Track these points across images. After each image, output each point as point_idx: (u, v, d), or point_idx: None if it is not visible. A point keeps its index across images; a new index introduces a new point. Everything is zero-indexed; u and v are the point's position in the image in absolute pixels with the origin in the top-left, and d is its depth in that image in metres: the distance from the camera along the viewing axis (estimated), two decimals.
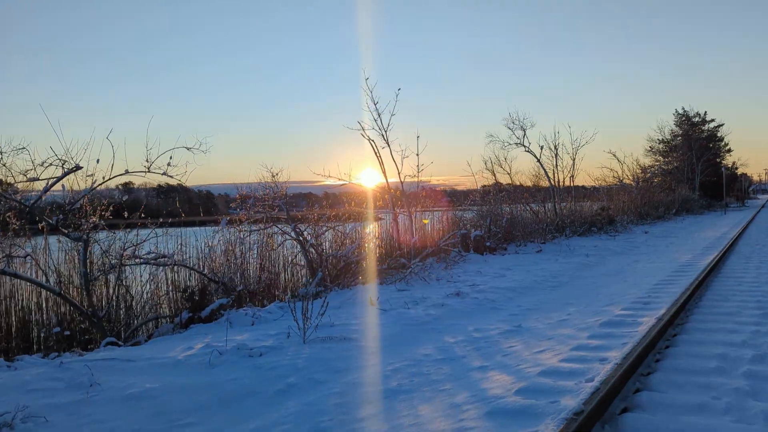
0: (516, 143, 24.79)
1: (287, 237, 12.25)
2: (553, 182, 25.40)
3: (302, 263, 12.34)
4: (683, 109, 56.37)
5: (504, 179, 24.18)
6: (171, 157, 7.72)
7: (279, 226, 12.30)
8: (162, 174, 7.79)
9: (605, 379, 4.24)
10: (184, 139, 7.79)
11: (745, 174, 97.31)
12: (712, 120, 56.57)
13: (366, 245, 13.41)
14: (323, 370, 5.85)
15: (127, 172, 7.73)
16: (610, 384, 4.10)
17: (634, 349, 4.98)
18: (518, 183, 24.09)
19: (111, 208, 8.41)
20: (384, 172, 15.40)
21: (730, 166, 62.33)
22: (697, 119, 55.96)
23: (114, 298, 9.18)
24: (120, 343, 8.07)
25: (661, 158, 55.79)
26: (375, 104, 14.61)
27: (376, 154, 15.29)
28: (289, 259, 12.42)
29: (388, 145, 15.06)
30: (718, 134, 56.90)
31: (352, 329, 7.61)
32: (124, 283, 9.38)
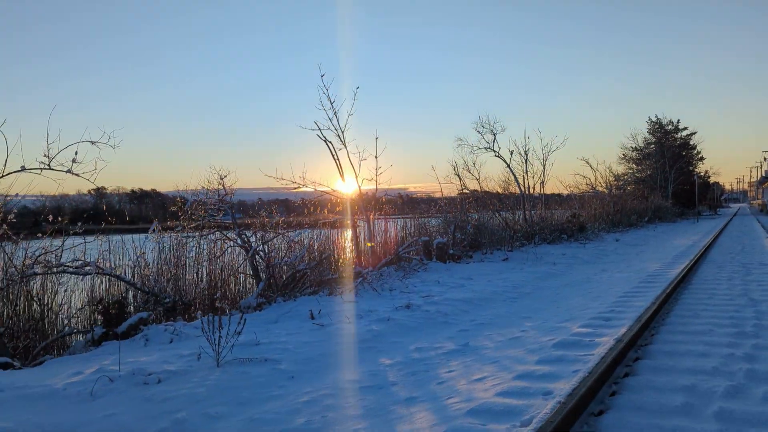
0: (486, 147, 24.06)
1: (232, 244, 11.33)
2: (523, 188, 24.72)
3: (250, 272, 11.43)
4: (656, 116, 56.31)
5: (472, 185, 23.42)
6: (76, 153, 6.75)
7: (224, 232, 11.38)
8: (66, 171, 6.82)
9: (544, 423, 3.39)
10: (90, 132, 6.80)
11: (718, 183, 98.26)
12: (685, 128, 56.58)
13: (318, 253, 12.51)
14: (225, 402, 4.93)
15: (23, 168, 6.73)
16: (549, 430, 3.25)
17: (585, 381, 4.14)
18: (487, 189, 23.32)
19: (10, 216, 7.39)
20: (342, 176, 14.54)
21: (702, 174, 62.47)
22: (670, 127, 55.87)
23: (21, 311, 8.18)
24: (16, 364, 7.07)
25: (634, 166, 55.62)
26: (331, 102, 13.75)
27: (333, 156, 14.43)
28: (236, 268, 11.49)
29: (345, 147, 14.21)
30: (691, 142, 56.89)
31: (279, 348, 6.70)
32: (33, 294, 8.38)
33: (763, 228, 28.79)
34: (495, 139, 24.28)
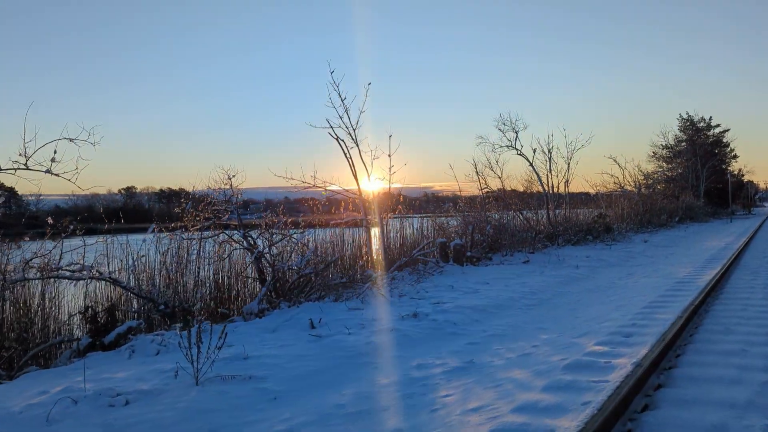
0: (507, 146, 23.32)
1: (238, 246, 10.90)
2: (546, 187, 23.94)
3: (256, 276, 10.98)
4: (687, 114, 54.72)
5: (494, 184, 22.70)
6: (55, 151, 6.31)
7: (228, 232, 10.96)
8: (45, 171, 6.39)
9: None
10: (68, 129, 6.36)
11: (752, 181, 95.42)
12: (718, 125, 54.90)
13: (325, 256, 12.00)
14: (193, 429, 4.42)
15: None
16: None
17: (595, 418, 3.53)
18: (509, 188, 22.59)
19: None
20: (355, 175, 14.01)
21: (736, 173, 60.64)
22: (702, 124, 54.25)
23: (7, 320, 7.80)
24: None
25: (664, 164, 54.16)
26: (342, 99, 13.23)
27: (345, 155, 13.91)
28: (243, 271, 11.05)
29: (357, 145, 13.68)
30: (724, 140, 55.16)
31: (268, 363, 6.18)
32: (22, 301, 8.00)
33: None
34: (517, 136, 23.56)
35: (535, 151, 23.38)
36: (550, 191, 24.06)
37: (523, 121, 29.15)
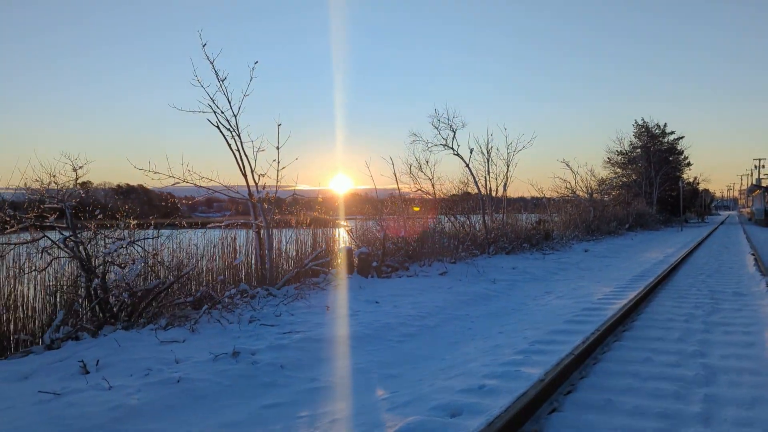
0: (442, 144, 21.37)
1: (64, 254, 8.69)
2: (483, 191, 22.06)
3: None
4: (643, 120, 53.65)
5: (426, 186, 20.72)
6: None
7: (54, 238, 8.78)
8: None
9: None
10: None
11: (707, 190, 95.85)
12: (672, 132, 53.93)
13: (178, 269, 9.85)
14: None
15: None
16: None
17: None
18: (441, 191, 20.65)
19: None
20: (244, 170, 11.89)
21: (691, 180, 59.94)
22: (656, 131, 53.24)
23: None
24: None
25: (619, 170, 53.01)
26: (220, 79, 11.10)
27: (230, 147, 11.80)
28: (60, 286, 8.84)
29: (238, 135, 11.57)
30: (678, 147, 54.27)
31: None
32: None
33: (748, 240, 26.16)
34: (454, 135, 21.60)
35: (472, 151, 21.49)
36: (488, 195, 22.18)
37: (461, 118, 27.23)
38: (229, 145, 11.70)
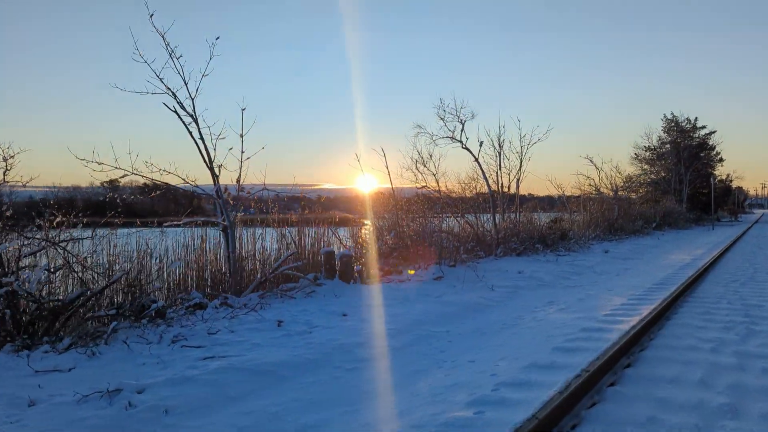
0: (449, 137, 19.63)
1: None
2: (495, 187, 20.29)
3: None
4: (672, 114, 50.93)
5: (431, 182, 19.03)
6: None
7: None
8: None
9: None
10: None
11: (740, 187, 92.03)
12: (704, 126, 51.07)
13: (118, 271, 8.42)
14: None
15: None
16: None
17: None
18: (445, 187, 18.95)
19: None
20: (210, 163, 10.43)
21: (723, 177, 56.98)
22: (686, 125, 50.51)
23: None
24: None
25: (647, 167, 50.42)
26: (173, 57, 9.65)
27: (191, 134, 10.37)
28: None
29: (195, 120, 10.09)
30: (710, 142, 51.38)
31: None
32: None
33: None
34: (463, 128, 19.84)
35: (481, 144, 19.70)
36: (500, 192, 20.40)
37: (470, 109, 25.39)
38: (191, 133, 10.24)
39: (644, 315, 7.08)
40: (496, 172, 20.47)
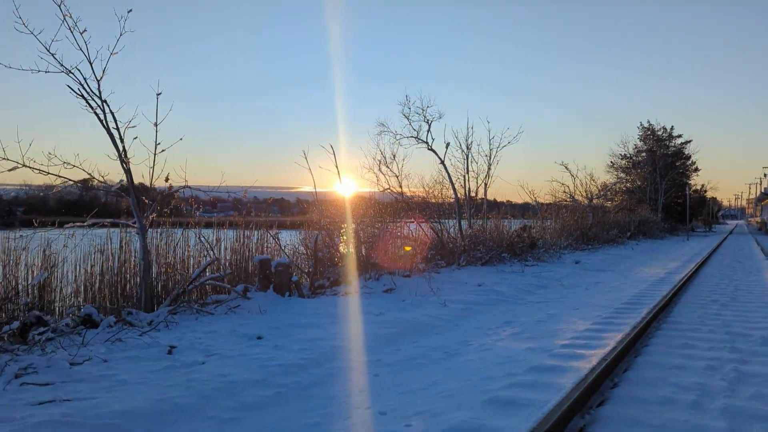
0: (414, 137, 18.25)
1: None
2: (461, 191, 18.95)
3: None
4: (648, 122, 50.08)
5: (394, 185, 17.62)
6: None
7: None
8: None
9: None
10: None
11: (715, 198, 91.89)
12: (680, 135, 50.31)
13: None
14: None
15: None
16: None
17: None
18: (408, 190, 17.56)
19: None
20: (124, 155, 8.89)
21: (699, 188, 56.29)
22: (663, 134, 49.71)
23: None
24: None
25: (623, 175, 49.49)
26: (72, 29, 8.10)
27: (101, 121, 8.83)
28: None
29: (101, 105, 8.57)
30: (686, 151, 50.62)
31: None
32: None
33: (765, 254, 22.82)
34: (429, 128, 18.49)
35: (448, 145, 18.35)
36: (467, 196, 19.05)
37: (438, 108, 24.01)
38: (101, 121, 8.70)
39: (608, 350, 5.69)
40: (464, 176, 19.13)
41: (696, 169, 51.65)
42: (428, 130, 18.52)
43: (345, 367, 6.26)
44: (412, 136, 18.22)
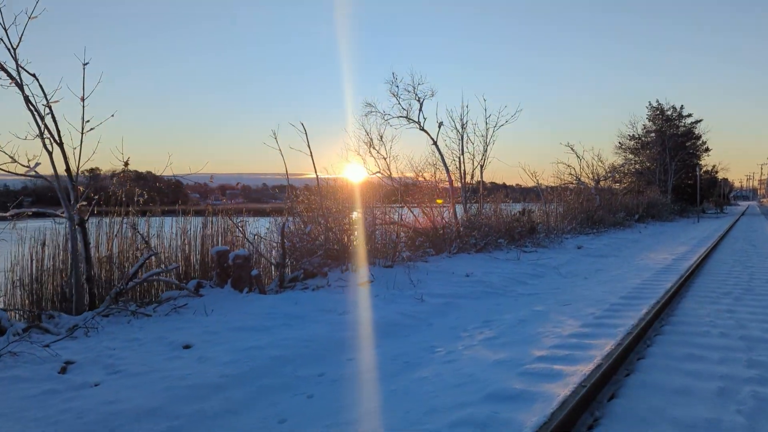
0: (403, 116, 16.94)
1: None
2: (456, 174, 17.64)
3: None
4: (657, 102, 48.18)
5: (383, 167, 16.37)
6: None
7: None
8: None
9: None
10: None
11: (726, 179, 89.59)
12: (690, 115, 48.34)
13: None
14: None
15: None
16: None
17: None
18: (397, 173, 16.30)
19: None
20: (57, 138, 7.72)
21: (709, 168, 54.34)
22: (672, 113, 47.80)
23: None
24: None
25: (632, 156, 47.73)
26: None
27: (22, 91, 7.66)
28: None
29: (19, 77, 7.39)
30: (696, 131, 48.68)
31: None
32: None
33: None
34: (421, 107, 17.17)
35: (441, 125, 17.03)
36: (462, 179, 17.75)
37: (430, 86, 22.64)
38: (22, 91, 7.52)
39: (592, 368, 4.44)
40: (459, 158, 17.80)
41: (706, 150, 49.76)
42: (420, 109, 17.21)
43: (275, 386, 5.10)
44: (401, 116, 16.90)
